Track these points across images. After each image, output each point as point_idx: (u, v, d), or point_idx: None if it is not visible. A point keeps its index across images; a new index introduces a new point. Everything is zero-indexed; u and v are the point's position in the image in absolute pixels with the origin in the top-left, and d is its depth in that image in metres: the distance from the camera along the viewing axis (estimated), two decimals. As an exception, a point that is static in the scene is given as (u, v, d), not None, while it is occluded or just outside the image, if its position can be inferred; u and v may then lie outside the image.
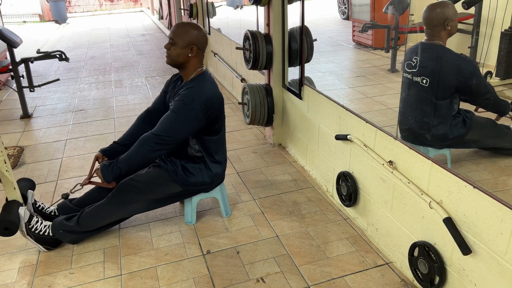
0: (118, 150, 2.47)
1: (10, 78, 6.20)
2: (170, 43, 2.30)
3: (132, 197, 2.41)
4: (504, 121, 2.64)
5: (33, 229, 2.33)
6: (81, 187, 2.40)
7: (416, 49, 2.49)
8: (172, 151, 2.51)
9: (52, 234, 2.37)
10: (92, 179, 2.42)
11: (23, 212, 2.29)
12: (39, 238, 2.35)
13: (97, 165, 2.44)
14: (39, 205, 2.52)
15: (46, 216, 2.51)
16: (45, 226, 2.36)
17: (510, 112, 2.51)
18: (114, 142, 2.56)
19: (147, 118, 2.58)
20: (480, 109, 2.67)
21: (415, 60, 2.43)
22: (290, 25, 3.28)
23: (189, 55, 2.29)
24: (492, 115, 2.56)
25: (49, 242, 2.38)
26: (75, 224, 2.38)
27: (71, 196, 2.63)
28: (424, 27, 2.40)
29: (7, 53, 5.14)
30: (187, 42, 2.27)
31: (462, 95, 2.43)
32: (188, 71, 2.36)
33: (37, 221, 2.35)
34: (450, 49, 2.40)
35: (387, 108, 2.64)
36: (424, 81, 2.35)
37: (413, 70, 2.44)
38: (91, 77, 6.52)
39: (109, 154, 2.48)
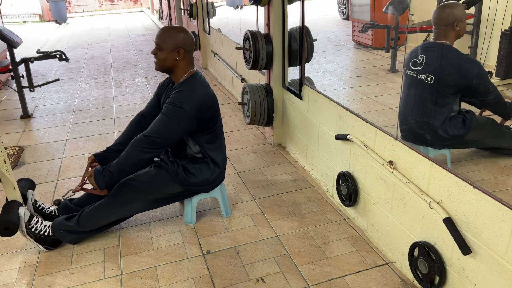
0: (111, 156, 2.46)
1: (10, 78, 6.20)
2: (156, 49, 2.28)
3: (132, 197, 2.41)
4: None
5: (33, 229, 2.33)
6: (73, 193, 2.38)
7: (423, 47, 2.49)
8: (173, 152, 2.51)
9: (52, 234, 2.37)
10: (84, 186, 2.41)
11: (23, 212, 2.29)
12: (39, 238, 2.35)
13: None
14: (39, 205, 2.53)
15: (46, 216, 2.52)
16: (45, 226, 2.36)
17: None
18: (107, 148, 2.54)
19: (140, 122, 2.56)
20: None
21: (421, 58, 2.43)
22: (290, 25, 3.28)
23: (176, 58, 2.28)
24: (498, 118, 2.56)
25: (49, 242, 2.38)
26: (75, 224, 2.38)
27: (72, 196, 2.64)
28: (433, 26, 2.41)
29: (7, 53, 5.15)
30: (173, 45, 2.25)
31: (466, 95, 2.44)
32: (177, 74, 2.34)
33: (37, 221, 2.36)
34: (457, 49, 2.41)
35: (387, 108, 2.64)
36: (429, 78, 2.36)
37: (418, 68, 2.44)
38: (91, 77, 6.52)
39: (103, 159, 2.46)
